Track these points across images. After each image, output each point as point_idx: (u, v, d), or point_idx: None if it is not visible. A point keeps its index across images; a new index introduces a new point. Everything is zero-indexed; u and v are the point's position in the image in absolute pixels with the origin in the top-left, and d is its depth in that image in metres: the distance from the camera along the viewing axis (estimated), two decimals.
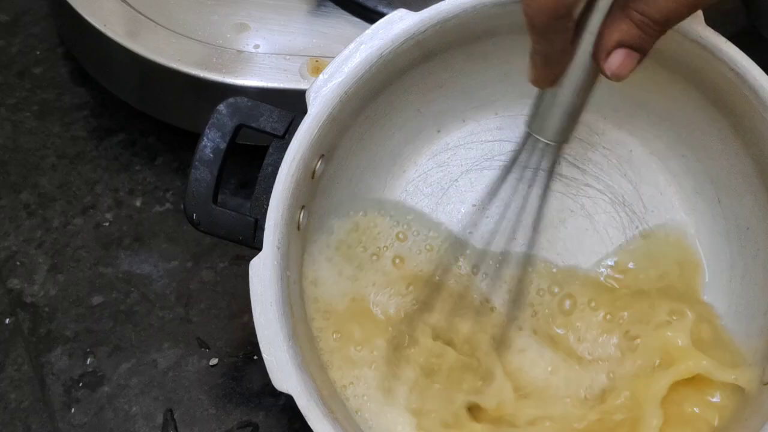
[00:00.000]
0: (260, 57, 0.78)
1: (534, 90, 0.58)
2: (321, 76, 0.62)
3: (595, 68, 0.54)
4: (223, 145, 0.63)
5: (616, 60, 0.51)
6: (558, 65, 0.54)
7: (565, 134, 0.58)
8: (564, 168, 0.73)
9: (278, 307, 0.58)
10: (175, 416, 0.71)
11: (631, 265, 0.71)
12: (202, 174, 0.62)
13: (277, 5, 0.83)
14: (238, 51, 0.79)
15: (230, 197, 0.83)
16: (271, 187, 0.60)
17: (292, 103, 0.64)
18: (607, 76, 0.53)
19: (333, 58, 0.62)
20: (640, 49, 0.52)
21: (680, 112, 0.68)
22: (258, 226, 0.62)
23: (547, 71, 0.54)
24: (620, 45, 0.51)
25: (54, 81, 0.93)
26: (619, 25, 0.50)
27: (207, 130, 0.63)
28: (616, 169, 0.72)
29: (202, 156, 0.62)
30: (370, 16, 0.80)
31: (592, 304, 0.69)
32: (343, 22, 0.82)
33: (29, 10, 0.99)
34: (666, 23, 0.50)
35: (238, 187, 0.83)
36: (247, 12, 0.83)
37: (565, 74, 0.55)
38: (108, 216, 0.83)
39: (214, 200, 0.63)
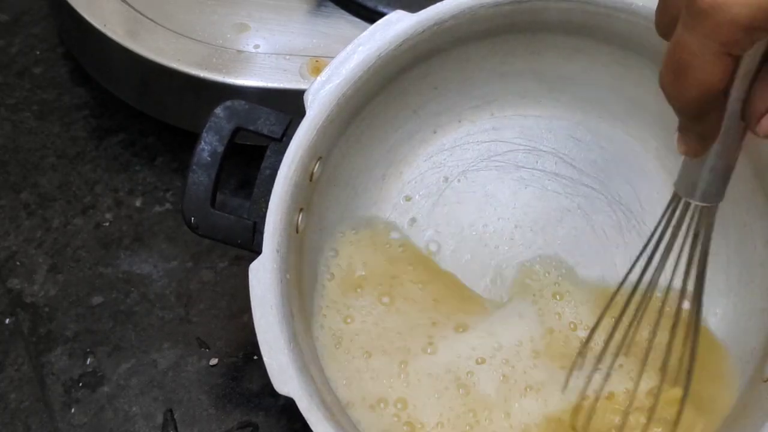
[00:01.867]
0: (260, 57, 0.78)
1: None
2: (319, 79, 0.62)
3: (743, 134, 0.51)
4: (220, 149, 0.63)
5: (767, 123, 0.49)
6: (712, 137, 0.52)
7: (720, 195, 0.55)
8: (560, 167, 0.73)
9: (279, 310, 0.58)
10: (175, 416, 0.71)
11: None
12: (200, 177, 0.62)
13: (277, 5, 0.83)
14: (238, 51, 0.78)
15: (230, 197, 0.83)
16: (270, 190, 0.60)
17: (292, 104, 0.64)
18: (759, 136, 0.50)
19: (333, 58, 0.63)
20: None
21: None
22: (256, 230, 0.62)
23: (702, 144, 0.53)
24: None
25: (54, 81, 0.93)
26: (766, 95, 0.48)
27: (204, 134, 0.63)
28: (613, 168, 0.72)
29: (200, 159, 0.62)
30: (370, 16, 0.80)
31: None
32: (343, 22, 0.82)
33: (29, 10, 0.99)
34: None
35: (238, 187, 0.83)
36: (247, 12, 0.83)
37: (716, 144, 0.52)
38: (108, 216, 0.83)
39: (212, 204, 0.63)
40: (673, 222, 0.57)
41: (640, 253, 0.60)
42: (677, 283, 0.59)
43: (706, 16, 0.42)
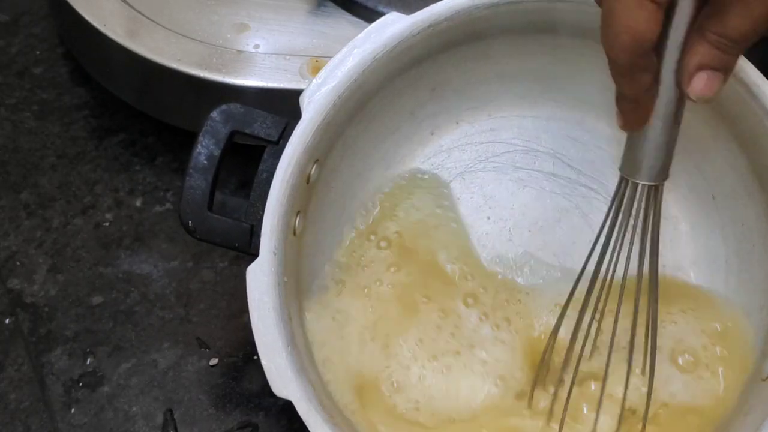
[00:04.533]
0: (260, 57, 0.78)
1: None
2: (315, 81, 0.62)
3: (681, 101, 0.53)
4: (217, 152, 0.63)
5: (699, 83, 0.50)
6: (647, 105, 0.53)
7: (664, 172, 0.57)
8: (558, 168, 0.73)
9: (276, 313, 0.58)
10: (175, 416, 0.71)
11: None
12: (197, 181, 0.62)
13: (277, 5, 0.83)
14: (238, 51, 0.78)
15: (230, 197, 0.83)
16: (267, 193, 0.60)
17: (292, 104, 0.64)
18: (692, 100, 0.52)
19: (333, 58, 0.63)
20: (722, 69, 0.51)
21: None
22: (254, 233, 0.62)
23: (638, 114, 0.54)
24: (701, 68, 0.50)
25: (54, 81, 0.93)
26: (697, 49, 0.50)
27: (201, 137, 0.63)
28: (610, 168, 0.72)
29: (197, 163, 0.62)
30: (370, 16, 0.80)
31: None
32: (343, 22, 0.82)
33: (29, 10, 0.99)
34: (744, 41, 0.50)
35: (239, 187, 0.84)
36: (247, 12, 0.83)
37: (653, 115, 0.54)
38: (108, 216, 0.83)
39: (210, 207, 0.63)
40: (623, 207, 0.58)
41: (594, 243, 0.61)
42: (634, 269, 0.60)
43: None
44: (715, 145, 0.67)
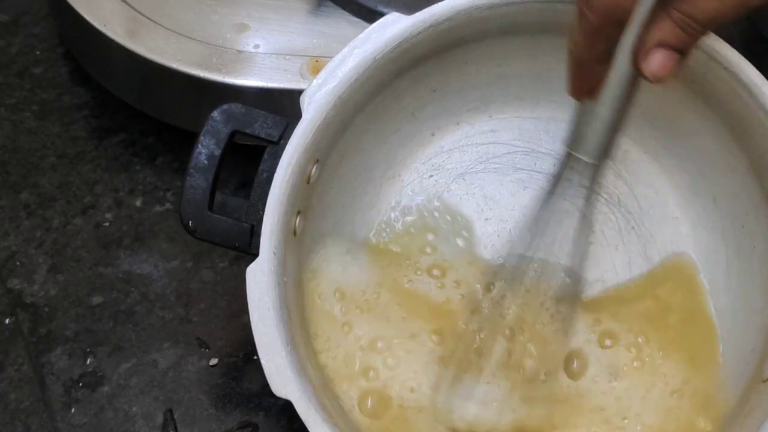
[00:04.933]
0: (260, 57, 0.78)
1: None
2: (315, 81, 0.62)
3: (634, 79, 0.52)
4: (217, 152, 0.63)
5: (655, 60, 0.50)
6: (592, 74, 0.53)
7: (607, 152, 0.57)
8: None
9: (276, 313, 0.58)
10: (175, 416, 0.71)
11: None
12: (197, 181, 0.62)
13: (277, 5, 0.83)
14: (238, 51, 0.78)
15: (230, 197, 0.83)
16: (267, 193, 0.60)
17: (292, 104, 0.64)
18: (647, 78, 0.51)
19: (333, 58, 0.63)
20: (681, 50, 0.51)
21: (674, 111, 0.68)
22: (254, 232, 0.62)
23: (582, 80, 0.53)
24: (660, 45, 0.50)
25: (54, 81, 0.93)
26: (661, 25, 0.49)
27: (201, 137, 0.63)
28: (611, 169, 0.72)
29: (197, 163, 0.62)
30: (370, 16, 0.80)
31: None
32: (343, 22, 0.82)
33: (29, 10, 0.99)
34: (709, 24, 0.49)
35: (239, 187, 0.84)
36: (247, 12, 0.83)
37: (603, 88, 0.54)
38: (108, 216, 0.83)
39: (210, 207, 0.63)
40: (563, 182, 0.60)
41: (532, 215, 0.63)
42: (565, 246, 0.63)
43: None
44: (716, 148, 0.67)
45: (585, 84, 0.54)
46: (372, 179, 0.72)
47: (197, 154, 0.62)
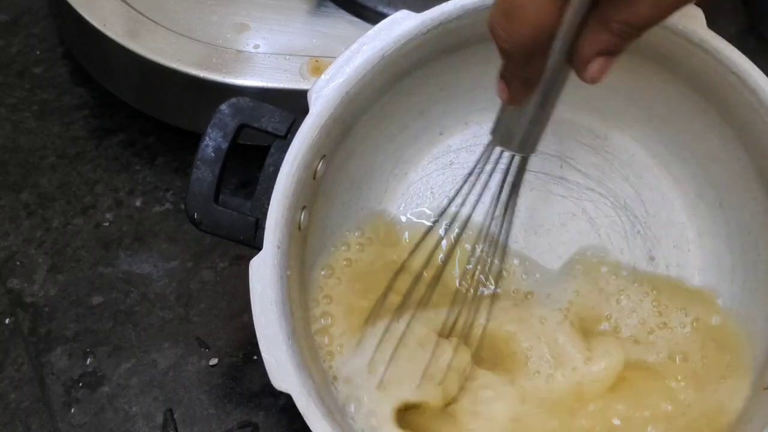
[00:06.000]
0: (260, 57, 0.78)
1: None
2: (323, 76, 0.62)
3: (565, 77, 0.53)
4: (224, 145, 0.62)
5: (595, 67, 0.50)
6: (535, 85, 0.53)
7: (534, 146, 0.57)
8: (566, 172, 0.73)
9: (278, 307, 0.58)
10: (175, 416, 0.71)
11: None
12: (204, 173, 0.62)
13: (277, 5, 0.83)
14: (238, 51, 0.78)
15: (230, 197, 0.82)
16: (272, 187, 0.60)
17: (292, 104, 0.65)
18: (587, 82, 0.52)
19: (333, 58, 0.63)
20: (618, 53, 0.51)
21: (682, 116, 0.68)
22: (259, 226, 0.61)
23: (526, 92, 0.53)
24: (600, 54, 0.50)
25: (54, 81, 0.93)
26: (599, 37, 0.49)
27: (209, 130, 0.62)
28: (618, 173, 0.72)
29: (204, 155, 0.62)
30: (371, 16, 0.80)
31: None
32: (343, 22, 0.82)
33: (29, 10, 0.98)
34: (646, 27, 0.49)
35: (239, 187, 0.83)
36: (247, 12, 0.83)
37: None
38: (108, 216, 0.83)
39: (216, 200, 0.63)
40: (487, 170, 0.61)
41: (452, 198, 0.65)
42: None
43: None
44: (723, 154, 0.67)
45: (525, 95, 0.54)
46: (379, 177, 0.73)
47: (204, 147, 0.62)
